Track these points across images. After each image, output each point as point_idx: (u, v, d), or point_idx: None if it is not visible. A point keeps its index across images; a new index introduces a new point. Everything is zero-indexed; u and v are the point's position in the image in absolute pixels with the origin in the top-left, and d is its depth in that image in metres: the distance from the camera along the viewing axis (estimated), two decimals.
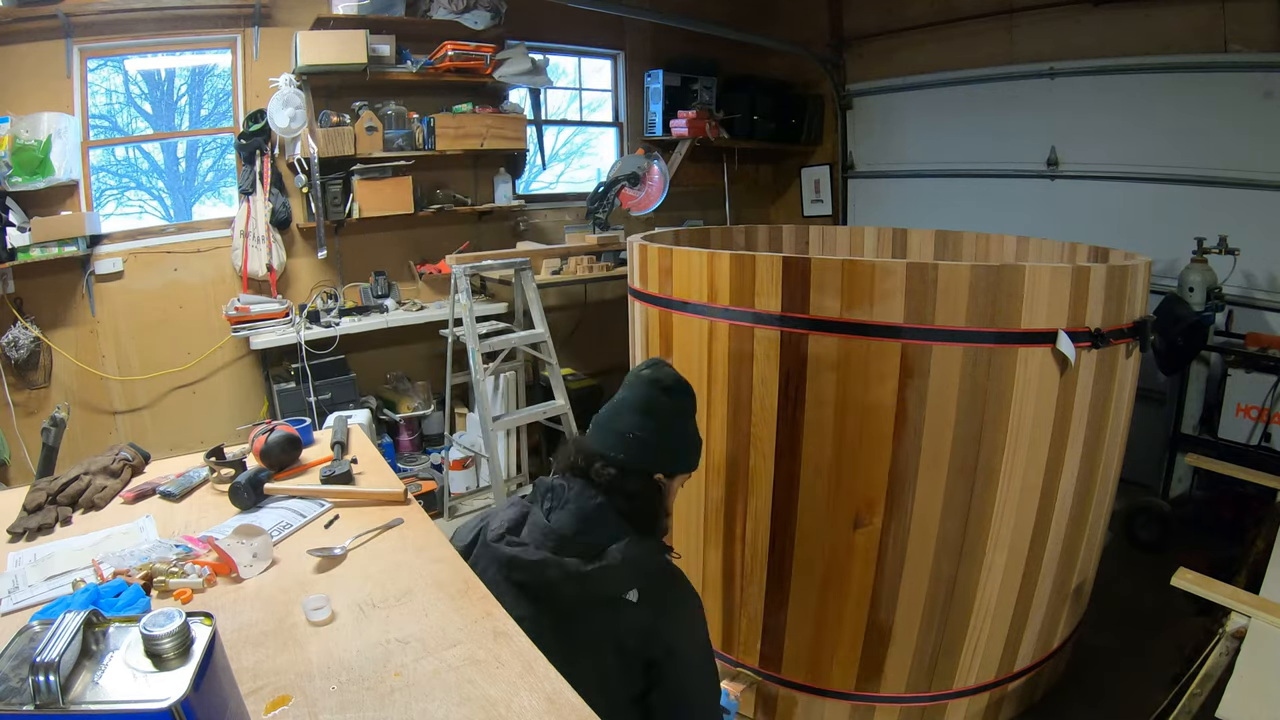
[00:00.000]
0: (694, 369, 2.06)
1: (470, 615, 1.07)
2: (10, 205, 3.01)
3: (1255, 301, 3.31)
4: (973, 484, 1.81)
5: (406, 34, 3.70)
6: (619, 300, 3.35)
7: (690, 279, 2.02)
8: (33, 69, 3.10)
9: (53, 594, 1.12)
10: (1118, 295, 1.82)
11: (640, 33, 4.76)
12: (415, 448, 3.90)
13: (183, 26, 3.36)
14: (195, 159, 3.86)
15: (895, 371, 1.75)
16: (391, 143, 3.67)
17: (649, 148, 4.53)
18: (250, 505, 1.47)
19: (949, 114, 4.45)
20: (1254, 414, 2.91)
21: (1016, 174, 4.15)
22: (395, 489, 1.51)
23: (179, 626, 0.66)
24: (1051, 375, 1.76)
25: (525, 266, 3.30)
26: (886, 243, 3.24)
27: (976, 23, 4.16)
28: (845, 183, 5.17)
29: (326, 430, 1.90)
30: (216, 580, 1.18)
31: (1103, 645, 2.45)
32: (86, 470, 1.56)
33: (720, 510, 2.09)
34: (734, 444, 2.01)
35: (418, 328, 3.84)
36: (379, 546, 1.30)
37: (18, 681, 0.62)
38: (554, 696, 0.90)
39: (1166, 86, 3.48)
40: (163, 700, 0.62)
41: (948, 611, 1.91)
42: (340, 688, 0.92)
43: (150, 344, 3.49)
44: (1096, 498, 2.02)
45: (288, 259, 3.71)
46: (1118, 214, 3.71)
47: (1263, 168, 3.20)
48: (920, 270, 1.68)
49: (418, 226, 4.00)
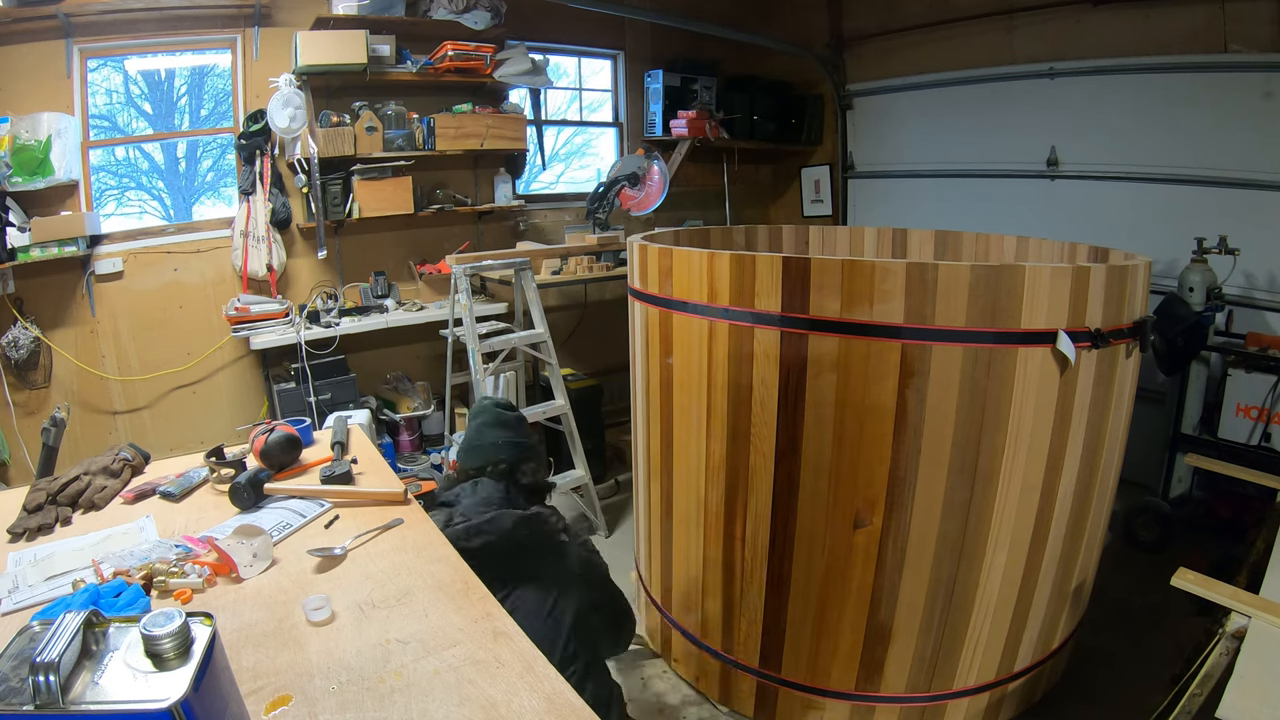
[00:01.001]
0: (694, 369, 2.06)
1: (470, 615, 1.07)
2: (10, 205, 3.01)
3: (1255, 301, 3.31)
4: (972, 484, 1.81)
5: (406, 34, 3.70)
6: (619, 300, 3.35)
7: (690, 279, 2.02)
8: (33, 69, 3.10)
9: (53, 594, 1.12)
10: (1118, 295, 1.81)
11: (640, 33, 4.77)
12: (415, 448, 3.90)
13: (183, 26, 3.37)
14: (195, 159, 3.86)
15: (895, 372, 1.75)
16: (391, 143, 3.67)
17: (649, 148, 4.53)
18: (250, 505, 1.47)
19: (949, 114, 4.45)
20: (1254, 414, 2.90)
21: (1016, 174, 4.15)
22: (395, 489, 1.51)
23: (179, 626, 0.66)
24: (1051, 375, 1.76)
25: (525, 266, 3.30)
26: (886, 243, 3.24)
27: (976, 23, 4.16)
28: (845, 183, 5.17)
29: (326, 430, 1.91)
30: (216, 580, 1.18)
31: (1103, 645, 2.45)
32: (86, 470, 1.56)
33: (720, 510, 2.09)
34: (734, 444, 2.01)
35: (418, 328, 3.84)
36: (379, 546, 1.30)
37: (18, 681, 0.62)
38: (554, 696, 0.90)
39: (1166, 87, 3.48)
40: (163, 700, 0.62)
41: (948, 611, 1.91)
42: (340, 688, 0.92)
43: (150, 344, 3.49)
44: (1096, 498, 2.01)
45: (288, 259, 3.71)
46: (1118, 214, 3.71)
47: (1263, 168, 3.20)
48: (920, 270, 1.68)
49: (418, 226, 4.00)
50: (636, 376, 2.43)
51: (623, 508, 3.57)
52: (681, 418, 2.16)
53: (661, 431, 2.26)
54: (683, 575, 2.30)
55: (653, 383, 2.28)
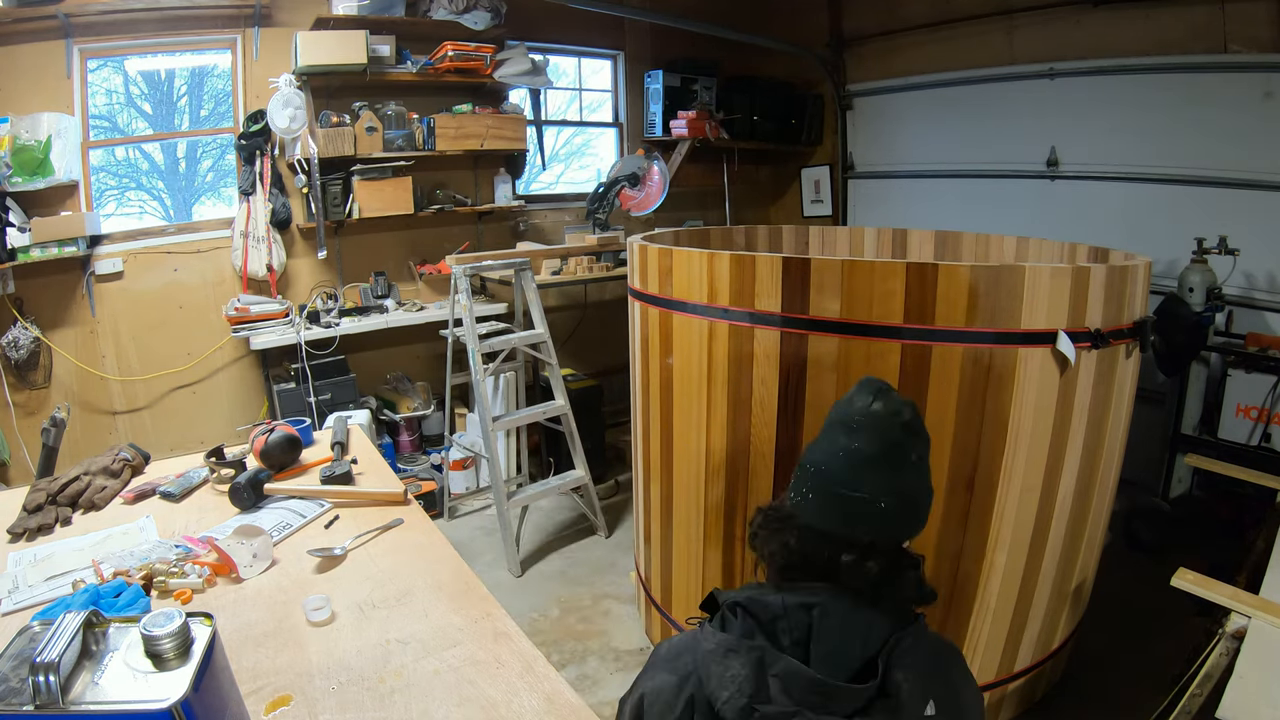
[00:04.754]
0: (694, 369, 2.06)
1: (470, 615, 1.07)
2: (10, 205, 3.01)
3: (1255, 301, 3.31)
4: (972, 484, 1.81)
5: (406, 34, 3.70)
6: (619, 300, 3.35)
7: (690, 279, 2.02)
8: (33, 69, 3.10)
9: (53, 594, 1.13)
10: (1118, 296, 1.82)
11: (640, 33, 4.77)
12: (415, 448, 3.90)
13: (183, 27, 3.36)
14: (195, 159, 3.86)
15: (895, 372, 1.75)
16: (391, 143, 3.67)
17: (649, 148, 4.53)
18: (250, 505, 1.47)
19: (949, 114, 4.45)
20: (1254, 414, 2.90)
21: (1016, 174, 4.15)
22: (395, 489, 1.51)
23: (179, 627, 0.66)
24: (1051, 376, 1.76)
25: (525, 267, 3.30)
26: (886, 243, 3.24)
27: (976, 23, 4.16)
28: (845, 183, 5.17)
29: (326, 431, 1.91)
30: (216, 580, 1.18)
31: (1103, 645, 2.45)
32: (86, 470, 1.56)
33: (720, 510, 2.09)
34: (734, 444, 2.01)
35: (417, 328, 3.84)
36: (379, 547, 1.30)
37: (18, 682, 0.62)
38: (553, 696, 0.90)
39: (1166, 87, 3.48)
40: (163, 700, 0.62)
41: (948, 611, 1.91)
42: (340, 688, 0.92)
43: (150, 344, 3.49)
44: (1096, 498, 2.01)
45: (288, 259, 3.71)
46: (1117, 214, 3.71)
47: (1263, 168, 3.20)
48: (920, 270, 1.68)
49: (418, 227, 4.00)
50: (636, 377, 2.43)
51: (623, 508, 3.57)
52: (681, 418, 2.16)
53: (661, 432, 2.26)
54: (683, 575, 2.30)
55: (653, 383, 2.28)
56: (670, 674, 0.87)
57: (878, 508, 0.88)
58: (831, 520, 0.90)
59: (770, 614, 0.86)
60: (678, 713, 0.85)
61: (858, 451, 0.90)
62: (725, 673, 0.83)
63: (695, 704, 0.84)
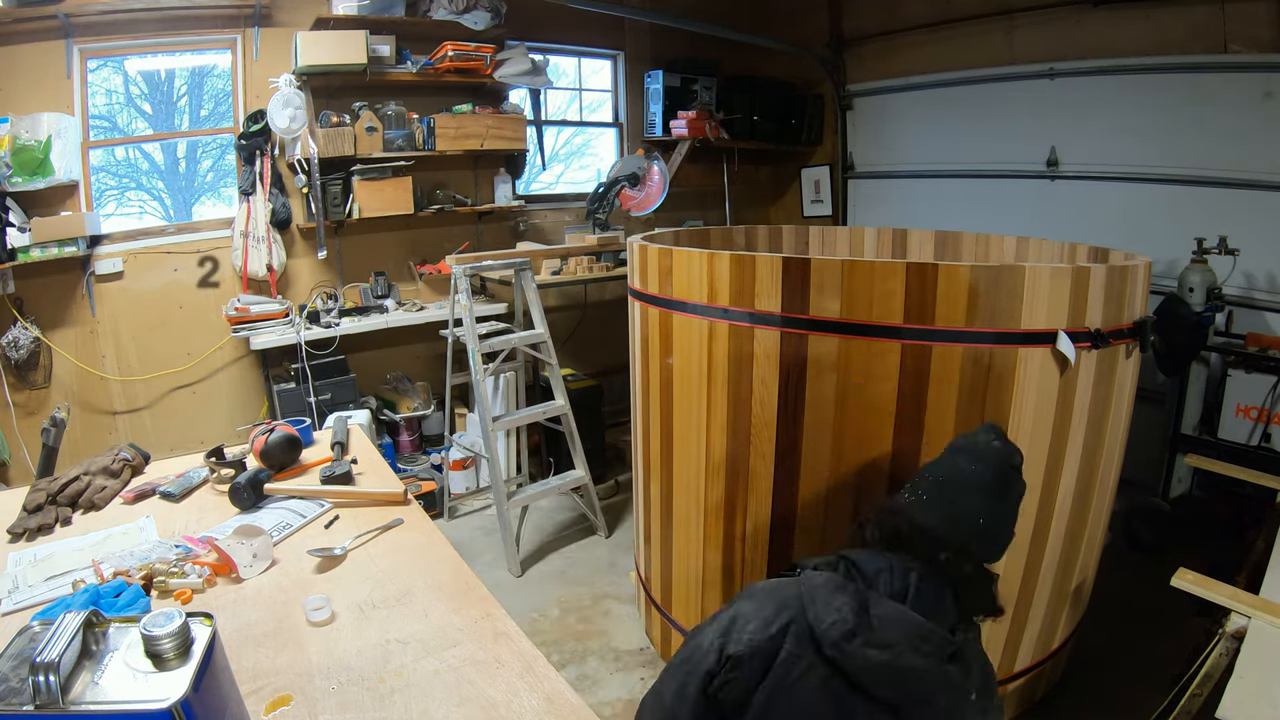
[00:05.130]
0: (694, 369, 2.06)
1: (470, 615, 1.07)
2: (10, 205, 3.01)
3: (1255, 301, 3.31)
4: None
5: (406, 34, 3.70)
6: (619, 300, 3.35)
7: (690, 279, 2.02)
8: (33, 69, 3.11)
9: (53, 594, 1.13)
10: (1118, 296, 1.81)
11: (640, 33, 4.77)
12: (415, 448, 3.90)
13: (183, 27, 3.37)
14: (195, 159, 3.86)
15: (895, 372, 1.75)
16: (391, 143, 3.67)
17: (649, 148, 4.53)
18: (250, 505, 1.47)
19: (949, 114, 4.45)
20: (1254, 414, 2.90)
21: (1016, 174, 4.15)
22: (395, 489, 1.51)
23: (179, 627, 0.66)
24: (1051, 376, 1.76)
25: (525, 267, 3.30)
26: (886, 243, 3.24)
27: (976, 23, 4.16)
28: (845, 183, 5.17)
29: (326, 431, 1.91)
30: (216, 580, 1.18)
31: (1103, 645, 2.45)
32: (86, 470, 1.56)
33: (720, 510, 2.09)
34: (734, 444, 2.01)
35: (417, 328, 3.84)
36: (379, 547, 1.30)
37: (18, 681, 0.62)
38: (554, 696, 0.90)
39: (1166, 87, 3.48)
40: (163, 700, 0.62)
41: None
42: (340, 688, 0.92)
43: (150, 344, 3.49)
44: (1096, 498, 2.01)
45: (288, 259, 3.71)
46: (1117, 214, 3.71)
47: (1263, 168, 3.20)
48: (920, 270, 1.68)
49: (418, 227, 4.00)
50: (636, 377, 2.43)
51: (623, 508, 3.57)
52: (681, 418, 2.16)
53: (661, 432, 2.26)
54: (683, 575, 2.30)
55: (653, 383, 2.28)
56: (769, 599, 0.99)
57: (976, 522, 1.09)
58: (935, 517, 1.09)
59: (875, 568, 1.04)
60: (773, 630, 0.96)
61: (975, 473, 1.13)
62: (832, 603, 0.95)
63: (790, 628, 0.95)
